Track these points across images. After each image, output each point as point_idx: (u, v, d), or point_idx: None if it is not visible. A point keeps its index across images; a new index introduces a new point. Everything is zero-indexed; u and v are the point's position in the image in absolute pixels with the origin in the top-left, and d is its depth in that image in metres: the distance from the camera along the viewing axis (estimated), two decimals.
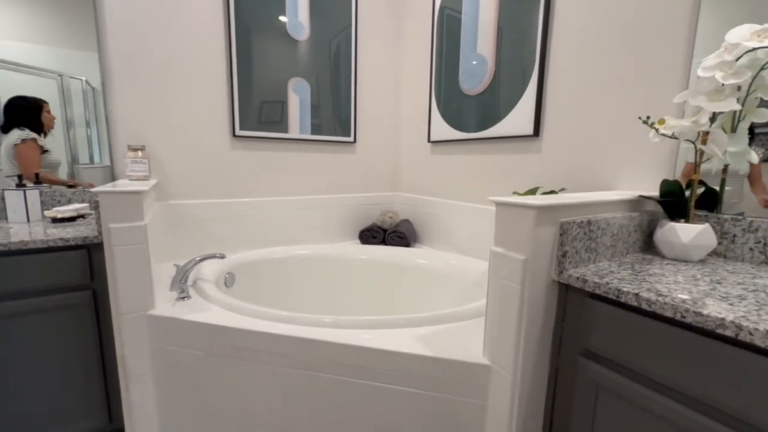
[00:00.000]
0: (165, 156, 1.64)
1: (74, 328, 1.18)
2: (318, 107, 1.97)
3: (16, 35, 1.44)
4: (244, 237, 1.83)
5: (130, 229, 1.10)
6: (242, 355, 1.10)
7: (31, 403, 1.15)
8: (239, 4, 1.68)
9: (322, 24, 1.91)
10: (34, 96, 1.50)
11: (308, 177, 2.01)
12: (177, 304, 1.22)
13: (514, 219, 0.81)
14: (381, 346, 0.98)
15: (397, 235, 2.02)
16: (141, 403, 1.20)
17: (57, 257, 1.14)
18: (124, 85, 1.53)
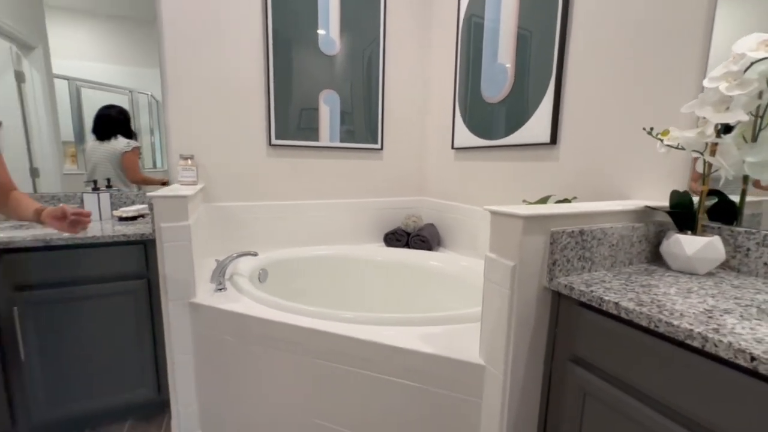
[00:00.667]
0: (210, 163, 1.85)
1: (132, 311, 1.39)
2: (347, 116, 2.10)
3: (96, 57, 1.71)
4: (277, 237, 2.01)
5: (177, 228, 1.29)
6: (268, 343, 1.24)
7: (100, 370, 1.38)
8: (276, 26, 1.86)
9: (352, 38, 2.04)
10: None
11: (337, 182, 2.14)
12: (215, 295, 1.40)
13: (505, 227, 0.86)
14: (386, 342, 1.06)
15: (419, 238, 2.09)
16: (183, 379, 1.39)
17: (120, 250, 1.35)
18: (178, 100, 1.76)
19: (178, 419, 1.42)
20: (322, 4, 1.93)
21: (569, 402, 0.85)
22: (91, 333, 1.35)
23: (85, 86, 1.73)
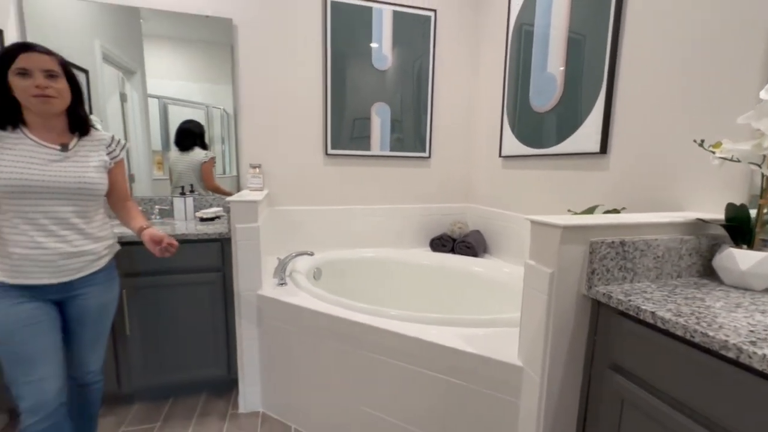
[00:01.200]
0: (274, 171, 2.07)
1: (210, 299, 1.62)
2: (397, 126, 2.22)
3: (179, 77, 1.98)
4: (331, 239, 2.18)
5: (249, 229, 1.49)
6: (322, 334, 1.38)
7: (183, 348, 1.62)
8: (334, 45, 2.03)
9: (403, 52, 2.16)
10: None
11: (386, 189, 2.27)
12: (277, 288, 1.58)
13: (544, 236, 0.91)
14: (430, 339, 1.15)
15: (465, 244, 2.14)
16: (249, 362, 1.59)
17: (202, 246, 1.58)
18: (249, 115, 2.00)
19: (243, 397, 1.62)
20: (376, 21, 2.08)
21: (607, 409, 0.87)
22: (177, 316, 1.59)
23: (171, 103, 2.03)
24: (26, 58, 0.94)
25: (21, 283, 0.97)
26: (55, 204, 1.00)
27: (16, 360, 0.96)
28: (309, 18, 2.00)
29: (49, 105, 0.97)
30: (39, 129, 1.01)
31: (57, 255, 1.00)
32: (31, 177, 0.95)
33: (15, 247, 0.96)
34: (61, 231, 1.01)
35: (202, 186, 2.00)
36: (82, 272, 1.07)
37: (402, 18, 2.12)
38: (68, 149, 1.04)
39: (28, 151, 0.97)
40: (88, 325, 1.12)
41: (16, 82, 0.94)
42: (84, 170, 1.04)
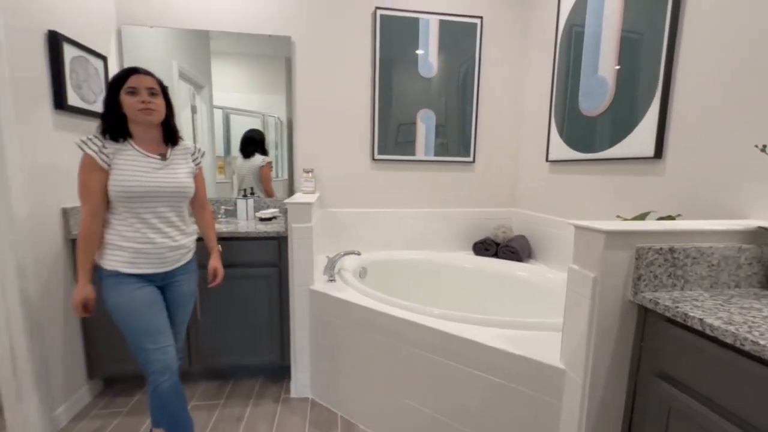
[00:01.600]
0: (325, 175, 2.21)
1: (267, 292, 1.78)
2: (441, 131, 2.27)
3: (240, 88, 2.18)
4: (377, 240, 2.28)
5: (303, 228, 1.62)
6: (367, 328, 1.48)
7: (243, 335, 1.80)
8: (382, 55, 2.14)
9: (449, 57, 2.21)
10: None
11: (430, 192, 2.33)
12: (327, 284, 1.70)
13: (587, 241, 0.92)
14: (471, 337, 1.20)
15: (509, 249, 2.13)
16: (300, 351, 1.72)
17: (261, 243, 1.75)
18: (303, 123, 2.16)
19: (295, 383, 1.75)
20: (422, 31, 2.15)
21: (654, 417, 0.87)
22: (239, 306, 1.77)
23: (232, 112, 2.24)
24: (135, 79, 1.13)
25: (135, 273, 1.16)
26: (160, 205, 1.18)
27: (147, 333, 1.15)
28: (359, 31, 2.12)
29: (151, 117, 1.16)
30: (141, 140, 1.20)
31: (164, 248, 1.19)
32: (144, 183, 1.14)
33: (130, 242, 1.14)
34: (165, 228, 1.19)
35: (262, 189, 2.19)
36: (179, 263, 1.26)
37: (448, 26, 2.17)
38: (166, 158, 1.22)
39: (138, 161, 1.16)
40: (180, 307, 1.31)
41: (126, 99, 1.13)
42: (180, 176, 1.22)
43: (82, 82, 1.65)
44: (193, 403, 1.71)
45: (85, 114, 1.68)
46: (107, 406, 1.69)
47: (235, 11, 2.03)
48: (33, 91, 1.43)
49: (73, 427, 1.55)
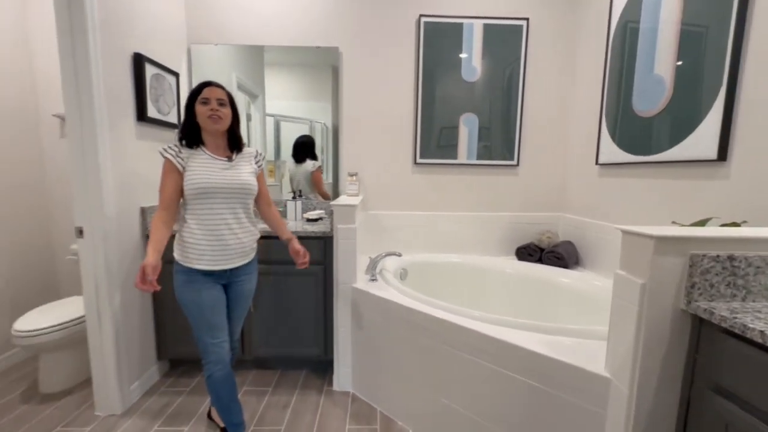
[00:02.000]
0: (368, 178, 2.29)
1: (314, 289, 1.89)
2: (484, 134, 2.26)
3: (289, 96, 2.32)
4: (418, 242, 2.32)
5: (347, 229, 1.71)
6: (407, 327, 1.52)
7: (290, 328, 1.91)
8: (426, 59, 2.18)
9: (493, 62, 2.20)
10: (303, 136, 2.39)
11: (472, 196, 2.32)
12: (368, 283, 1.77)
13: (635, 246, 0.90)
14: (511, 341, 1.19)
15: (554, 255, 2.07)
16: (343, 346, 1.80)
17: (308, 243, 1.85)
18: (349, 129, 2.26)
19: (337, 377, 1.84)
20: (466, 35, 2.17)
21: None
22: (287, 300, 1.89)
23: (282, 119, 2.39)
24: (207, 90, 1.29)
25: (204, 269, 1.29)
26: (227, 202, 1.31)
27: (208, 327, 1.30)
28: (403, 39, 2.19)
29: (218, 124, 1.30)
30: (211, 146, 1.34)
31: (232, 245, 1.31)
32: (213, 180, 1.28)
33: (201, 239, 1.28)
34: (233, 224, 1.32)
35: (313, 191, 2.31)
36: (243, 260, 1.37)
37: (492, 30, 2.17)
38: (232, 160, 1.36)
39: (208, 162, 1.31)
40: (240, 304, 1.44)
41: (199, 108, 1.29)
42: (244, 175, 1.35)
43: (159, 96, 1.87)
44: (244, 389, 1.86)
45: (161, 124, 1.90)
46: (172, 385, 1.88)
47: (288, 26, 2.18)
48: (121, 106, 1.65)
49: (144, 401, 1.75)
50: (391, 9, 2.17)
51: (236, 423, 1.42)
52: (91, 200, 1.54)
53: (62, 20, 1.45)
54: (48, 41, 2.10)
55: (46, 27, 2.09)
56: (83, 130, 1.50)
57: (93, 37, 1.48)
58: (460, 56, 2.19)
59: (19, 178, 2.09)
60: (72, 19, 1.45)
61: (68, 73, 1.48)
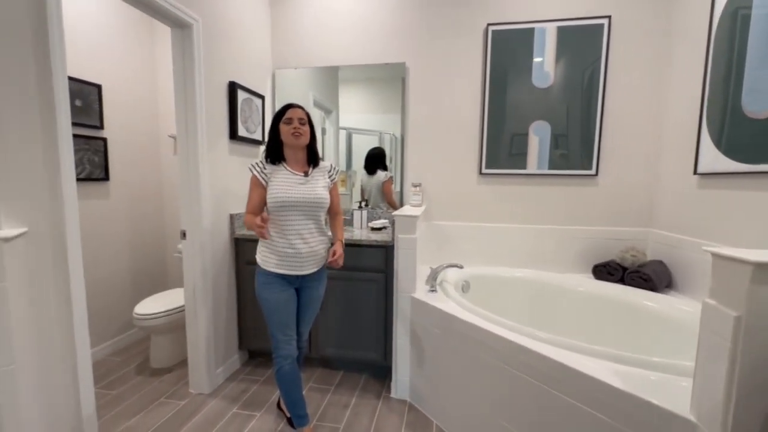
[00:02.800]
0: (432, 189, 2.31)
1: (374, 295, 1.96)
2: (562, 142, 2.13)
3: (360, 110, 2.45)
4: (481, 254, 2.25)
5: (408, 239, 1.74)
6: (466, 342, 1.49)
7: (353, 332, 2.01)
8: (493, 67, 2.14)
9: (568, 65, 2.07)
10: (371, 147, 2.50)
11: (543, 208, 2.19)
12: (428, 294, 1.78)
13: (729, 272, 0.78)
14: (580, 368, 1.10)
15: (640, 276, 1.84)
16: (401, 354, 1.83)
17: (371, 251, 1.94)
18: (414, 140, 2.31)
19: (395, 384, 1.87)
20: (538, 40, 2.08)
21: None
22: (351, 305, 1.99)
23: (354, 132, 2.52)
24: (290, 111, 1.43)
25: (279, 272, 1.44)
26: (302, 214, 1.42)
27: (280, 325, 1.46)
28: (469, 50, 2.18)
29: (299, 141, 1.43)
30: (292, 162, 1.49)
31: (304, 254, 1.43)
32: (290, 195, 1.41)
33: (278, 247, 1.42)
34: (306, 235, 1.44)
35: (383, 201, 2.39)
36: (314, 267, 1.49)
37: (567, 32, 2.04)
38: (308, 176, 1.48)
39: (287, 178, 1.45)
40: (310, 308, 1.55)
41: (282, 127, 1.44)
42: (317, 190, 1.46)
43: (247, 117, 2.14)
44: (309, 385, 1.99)
45: (248, 141, 2.16)
46: (250, 373, 2.10)
47: (360, 47, 2.32)
48: (217, 127, 1.93)
49: (227, 385, 1.98)
50: (457, 21, 2.18)
51: (300, 415, 1.53)
52: (192, 207, 1.82)
53: (177, 58, 1.76)
54: (167, 75, 2.54)
55: (165, 63, 2.53)
56: (188, 147, 1.79)
57: (198, 71, 1.76)
58: (531, 62, 2.10)
59: (143, 188, 2.55)
60: (184, 57, 1.75)
61: (180, 100, 1.78)
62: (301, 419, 1.54)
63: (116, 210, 2.36)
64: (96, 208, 2.23)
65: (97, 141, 2.20)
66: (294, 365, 1.48)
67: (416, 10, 2.23)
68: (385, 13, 2.27)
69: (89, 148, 2.16)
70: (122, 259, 2.41)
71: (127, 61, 2.39)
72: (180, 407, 1.78)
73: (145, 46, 2.52)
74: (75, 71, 2.06)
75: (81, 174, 2.11)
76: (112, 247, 2.34)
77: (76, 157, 2.07)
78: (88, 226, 2.15)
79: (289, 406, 1.53)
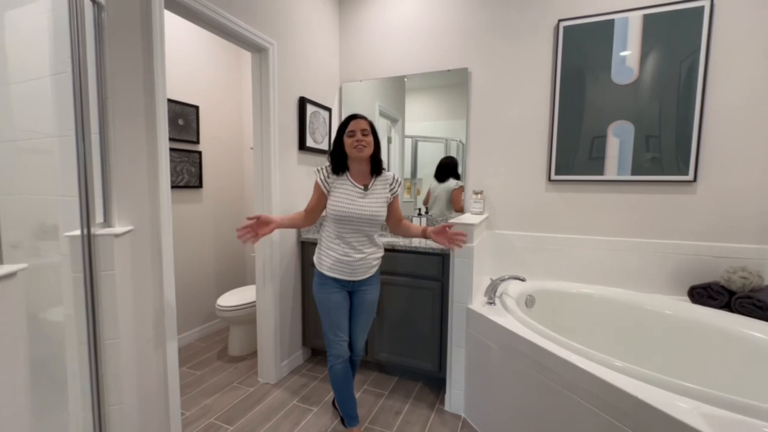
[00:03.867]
0: (494, 197, 2.21)
1: (430, 303, 1.93)
2: (647, 146, 1.88)
3: (425, 117, 2.44)
4: (548, 268, 2.08)
5: (465, 248, 1.69)
6: (526, 362, 1.39)
7: (407, 339, 2.00)
8: (565, 66, 1.98)
9: (658, 58, 1.82)
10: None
11: (625, 218, 1.95)
12: (485, 306, 1.70)
13: None
14: (660, 406, 0.95)
15: (752, 302, 1.53)
16: (456, 366, 1.77)
17: (427, 258, 1.92)
18: (476, 146, 2.24)
19: (449, 397, 1.81)
20: (619, 33, 1.87)
21: None
22: (406, 312, 1.99)
23: (420, 140, 2.53)
24: (353, 123, 1.44)
25: (333, 276, 1.49)
26: (357, 226, 1.46)
27: (332, 325, 1.52)
28: (536, 49, 2.05)
29: (361, 153, 1.43)
30: (355, 174, 1.49)
31: (355, 262, 1.46)
32: (348, 210, 1.43)
33: (333, 252, 1.47)
34: (358, 246, 1.47)
35: (452, 209, 2.36)
36: (366, 274, 1.52)
37: (657, 20, 1.81)
38: (368, 189, 1.48)
39: (348, 191, 1.46)
40: (363, 312, 1.56)
41: (346, 140, 1.45)
42: (375, 206, 1.47)
43: (315, 129, 2.30)
44: (364, 387, 2.03)
45: (315, 151, 2.32)
46: (311, 370, 2.22)
47: (424, 55, 2.34)
48: (288, 139, 2.10)
49: (290, 378, 2.12)
50: (522, 21, 2.07)
51: (350, 415, 1.57)
52: (265, 211, 2.00)
53: (255, 78, 1.97)
54: (249, 93, 2.85)
55: (248, 83, 2.84)
56: (263, 157, 1.99)
57: (273, 88, 1.95)
58: (611, 57, 1.90)
59: (227, 194, 2.88)
60: (261, 76, 1.95)
61: (257, 115, 1.99)
62: (351, 420, 1.58)
63: (206, 213, 2.70)
64: (191, 211, 2.58)
65: (194, 154, 2.56)
66: (345, 365, 1.53)
67: (478, 14, 2.17)
68: (447, 20, 2.26)
69: (188, 160, 2.52)
70: (209, 256, 2.75)
71: (217, 83, 2.75)
72: (248, 393, 1.96)
73: (232, 69, 2.87)
74: (177, 95, 2.43)
75: (181, 182, 2.48)
76: (202, 245, 2.68)
77: (178, 168, 2.44)
78: (184, 227, 2.50)
79: (340, 405, 1.59)
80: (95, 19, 1.20)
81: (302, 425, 1.71)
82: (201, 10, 1.55)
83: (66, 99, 1.15)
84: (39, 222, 1.35)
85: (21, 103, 1.33)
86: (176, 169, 2.43)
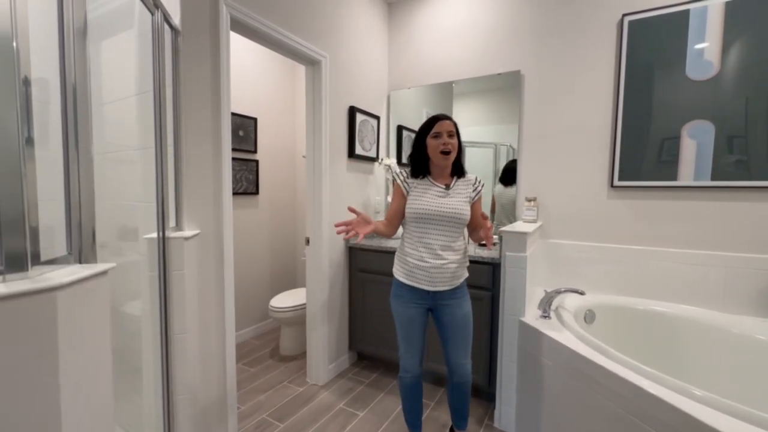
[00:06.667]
0: (550, 204, 2.09)
1: (480, 315, 1.87)
2: (730, 147, 1.68)
3: (475, 122, 2.39)
4: (609, 281, 1.92)
5: (517, 257, 1.62)
6: (582, 380, 1.29)
7: None
8: (630, 72, 1.84)
9: (744, 49, 1.63)
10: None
11: (704, 228, 1.75)
12: (539, 320, 1.60)
13: None
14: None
15: None
16: (507, 381, 1.69)
17: (477, 267, 1.86)
18: (529, 151, 2.14)
19: (499, 413, 1.73)
20: (695, 24, 1.70)
21: None
22: None
23: (467, 145, 2.47)
24: (438, 125, 1.35)
25: (410, 284, 1.38)
26: (438, 227, 1.35)
27: (404, 339, 1.47)
28: (596, 46, 1.92)
29: (448, 159, 1.36)
30: (436, 176, 1.42)
31: (433, 268, 1.34)
32: (429, 207, 1.35)
33: (411, 258, 1.37)
34: (438, 250, 1.35)
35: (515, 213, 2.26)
36: (448, 285, 1.37)
37: (742, 6, 1.61)
38: (449, 188, 1.40)
39: (428, 190, 1.39)
40: (452, 328, 1.42)
41: (430, 142, 1.36)
42: (458, 204, 1.37)
43: (363, 137, 2.35)
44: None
45: (363, 159, 2.36)
46: (357, 374, 2.25)
47: (473, 60, 2.30)
48: (338, 147, 2.17)
49: (336, 381, 2.16)
50: (579, 17, 1.95)
51: (412, 424, 1.56)
52: (315, 217, 2.08)
53: (308, 89, 2.06)
54: (303, 104, 2.99)
55: (302, 94, 2.99)
56: (314, 165, 2.07)
57: (325, 99, 2.03)
58: (686, 51, 1.73)
59: (281, 200, 3.03)
60: (314, 87, 2.04)
61: (309, 124, 2.07)
62: (413, 429, 1.57)
63: (262, 219, 2.86)
64: (249, 217, 2.75)
65: (252, 163, 2.73)
66: (415, 381, 1.48)
67: (532, 13, 2.09)
68: (498, 22, 2.20)
69: (247, 168, 2.69)
70: (264, 259, 2.90)
71: (274, 95, 2.91)
72: (298, 393, 2.03)
73: (287, 81, 3.03)
74: (238, 108, 2.61)
75: (240, 189, 2.65)
76: (258, 249, 2.84)
77: (237, 176, 2.62)
78: (242, 232, 2.67)
79: (404, 413, 1.58)
80: (173, 43, 1.33)
81: (348, 429, 1.73)
82: (262, 29, 1.66)
83: (147, 115, 1.29)
84: (122, 224, 1.52)
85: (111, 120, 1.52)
86: (236, 176, 2.61)
